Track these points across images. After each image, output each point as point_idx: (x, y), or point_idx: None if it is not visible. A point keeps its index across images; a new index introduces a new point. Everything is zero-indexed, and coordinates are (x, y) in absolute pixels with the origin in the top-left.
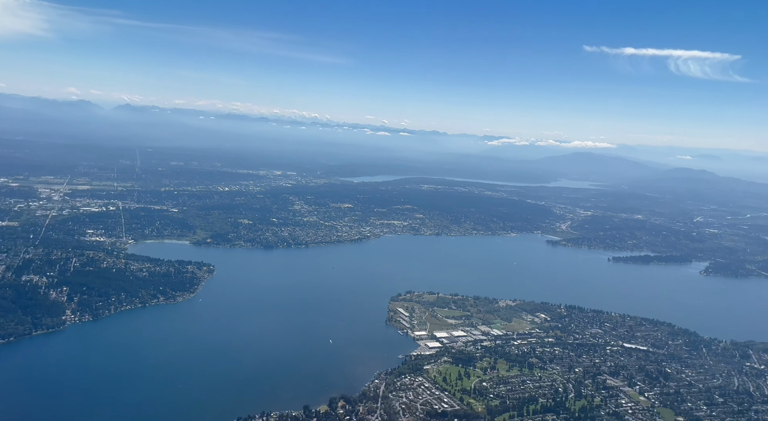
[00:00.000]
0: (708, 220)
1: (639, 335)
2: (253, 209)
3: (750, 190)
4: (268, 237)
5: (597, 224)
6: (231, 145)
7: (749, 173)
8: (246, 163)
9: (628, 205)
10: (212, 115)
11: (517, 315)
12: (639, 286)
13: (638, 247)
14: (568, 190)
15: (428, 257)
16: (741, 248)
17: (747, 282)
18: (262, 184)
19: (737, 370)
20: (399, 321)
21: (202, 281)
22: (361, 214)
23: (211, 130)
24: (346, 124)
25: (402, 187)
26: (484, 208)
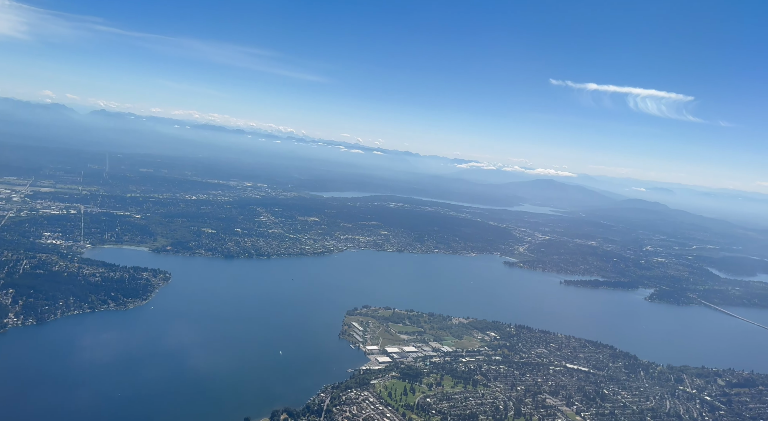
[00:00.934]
0: (657, 249)
1: (582, 357)
2: (218, 219)
3: (697, 223)
4: (229, 247)
5: (553, 248)
6: (204, 155)
7: (698, 207)
8: (217, 173)
9: (583, 232)
10: (188, 124)
11: (468, 333)
12: (586, 309)
13: (589, 271)
14: (529, 214)
15: (388, 273)
16: (685, 277)
17: (688, 309)
18: (231, 194)
19: (670, 393)
20: (352, 335)
21: (157, 288)
22: (327, 228)
23: (186, 139)
24: (322, 141)
25: (370, 204)
26: (447, 228)
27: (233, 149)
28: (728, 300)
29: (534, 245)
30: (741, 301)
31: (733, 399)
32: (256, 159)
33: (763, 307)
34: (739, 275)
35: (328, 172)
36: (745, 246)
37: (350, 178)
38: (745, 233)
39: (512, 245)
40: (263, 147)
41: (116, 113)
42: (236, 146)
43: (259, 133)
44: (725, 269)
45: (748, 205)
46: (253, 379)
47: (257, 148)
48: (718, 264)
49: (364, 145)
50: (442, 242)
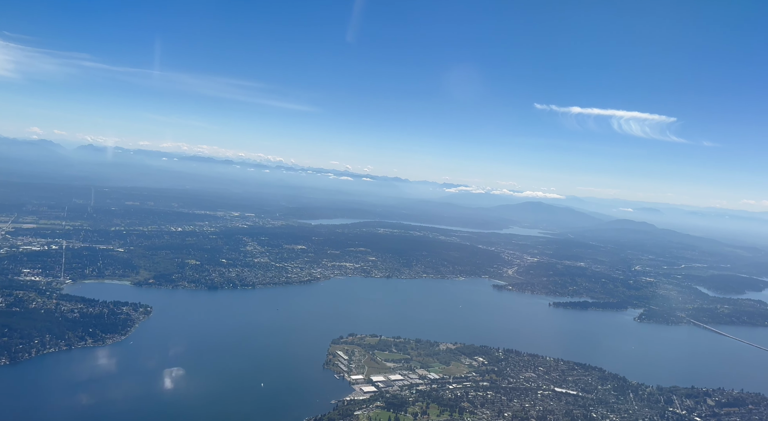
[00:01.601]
0: (646, 269)
1: (570, 380)
2: (203, 250)
3: (685, 242)
4: (213, 278)
5: (542, 270)
6: (192, 187)
7: (686, 226)
8: (204, 204)
9: (572, 253)
10: (176, 156)
11: (456, 358)
12: (575, 331)
13: (578, 293)
14: (518, 237)
15: (375, 300)
16: (674, 296)
17: (677, 329)
18: (217, 224)
19: (659, 415)
20: (337, 365)
21: (137, 322)
22: (314, 255)
23: (174, 171)
24: (311, 169)
25: (358, 230)
26: (436, 252)
27: (222, 180)
28: (717, 318)
29: (523, 267)
30: (730, 319)
31: (722, 419)
32: (245, 189)
33: (752, 324)
34: (728, 293)
35: (316, 199)
36: (734, 264)
37: (339, 205)
38: (732, 251)
39: (501, 268)
40: (252, 177)
41: (104, 148)
42: (225, 177)
43: (248, 163)
44: (714, 287)
45: (735, 223)
46: (233, 412)
47: (246, 178)
48: (706, 282)
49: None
50: (431, 267)
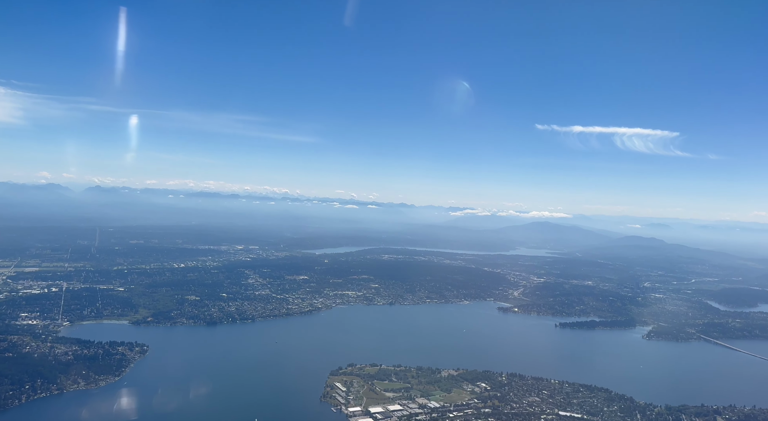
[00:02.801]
0: (655, 285)
1: (575, 402)
2: (204, 285)
3: (695, 257)
4: (213, 313)
5: (548, 291)
6: (197, 222)
7: (696, 240)
8: (209, 238)
9: (580, 272)
10: (183, 193)
11: (458, 385)
12: (581, 351)
13: (585, 312)
14: (524, 258)
15: (376, 328)
16: (683, 312)
17: (687, 346)
18: (220, 259)
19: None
20: (335, 397)
21: (132, 362)
22: (316, 285)
23: (181, 207)
24: (316, 199)
25: (363, 258)
26: (440, 276)
27: (227, 214)
28: (729, 333)
29: (529, 288)
30: (742, 333)
31: None
32: (250, 222)
33: (765, 338)
34: (740, 306)
35: (321, 228)
36: (745, 277)
37: (344, 233)
38: (744, 264)
39: (507, 290)
40: (257, 209)
41: (111, 188)
42: (230, 211)
43: (254, 196)
44: (725, 301)
45: (746, 236)
46: None
47: (251, 210)
48: (717, 297)
49: (359, 199)
50: (434, 292)
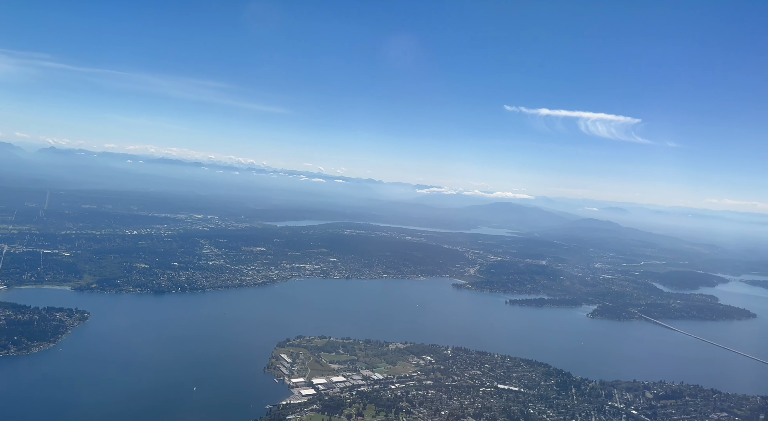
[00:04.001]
0: (605, 266)
1: (515, 376)
2: (155, 253)
3: (647, 240)
4: (161, 282)
5: (503, 269)
6: (156, 189)
7: (649, 225)
8: (166, 206)
9: (535, 252)
10: (143, 159)
11: (403, 358)
12: (527, 328)
13: (536, 290)
14: (484, 236)
15: (330, 301)
16: (629, 292)
17: (628, 324)
18: (176, 228)
19: (597, 409)
20: (278, 368)
21: (70, 329)
22: (273, 257)
23: (140, 173)
24: (283, 171)
25: (324, 232)
26: (399, 252)
27: (188, 182)
28: (668, 313)
29: (485, 266)
30: (680, 314)
31: (658, 412)
32: (212, 191)
33: (701, 319)
34: (682, 288)
35: (285, 201)
36: (691, 261)
37: (308, 207)
38: (692, 248)
39: (463, 267)
40: (221, 179)
41: (66, 150)
42: (192, 179)
43: (218, 165)
44: (669, 283)
45: (697, 222)
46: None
47: (214, 180)
48: (662, 279)
49: (327, 173)
50: (392, 267)
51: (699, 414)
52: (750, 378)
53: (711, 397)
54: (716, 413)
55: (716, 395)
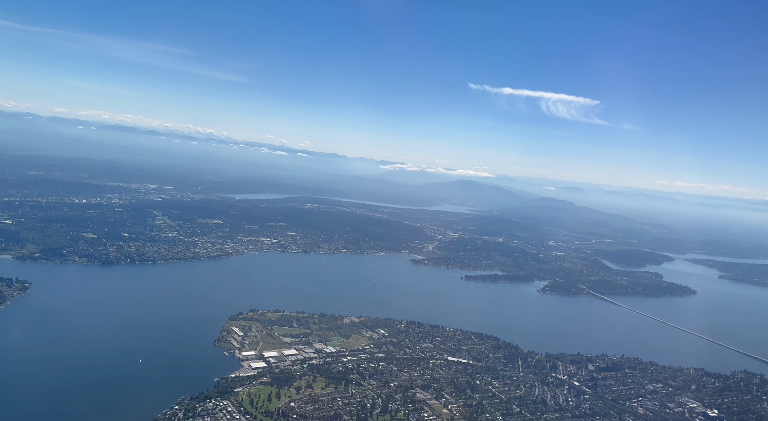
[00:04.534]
0: (559, 244)
1: (465, 349)
2: (104, 223)
3: (599, 220)
4: (110, 252)
5: (461, 245)
6: (109, 157)
7: (603, 204)
8: (119, 175)
9: (493, 229)
10: (95, 125)
11: (357, 331)
12: (480, 302)
13: (491, 266)
14: (445, 213)
15: (287, 275)
16: (579, 269)
17: (576, 300)
18: (128, 197)
19: (541, 380)
20: (229, 341)
21: (9, 299)
22: (230, 230)
23: (92, 140)
24: (244, 142)
25: (284, 205)
26: (360, 227)
27: (143, 151)
28: (615, 290)
29: (443, 242)
30: (626, 290)
31: (599, 383)
32: (168, 161)
33: (646, 295)
34: (629, 266)
35: (245, 173)
36: (640, 239)
37: (269, 180)
38: (641, 228)
39: (422, 244)
40: (177, 148)
41: (12, 113)
42: (147, 148)
43: (176, 134)
44: (618, 260)
45: (649, 202)
46: (99, 393)
47: (171, 150)
48: (612, 256)
49: (289, 146)
50: (352, 242)
51: (636, 385)
52: (686, 351)
53: (649, 369)
54: (652, 384)
55: (654, 367)
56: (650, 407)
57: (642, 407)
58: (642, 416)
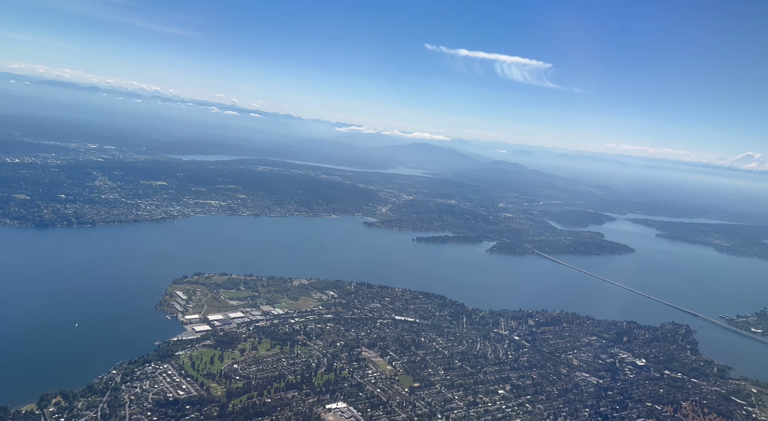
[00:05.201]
0: (508, 206)
1: (412, 308)
2: (39, 184)
3: (548, 182)
4: (44, 215)
5: (414, 208)
6: (45, 114)
7: (552, 167)
8: (56, 134)
9: (446, 192)
10: (30, 80)
11: (306, 293)
12: (430, 263)
13: (442, 228)
14: (400, 176)
15: (235, 238)
16: (526, 229)
17: (522, 259)
18: (66, 157)
19: (483, 336)
20: (172, 305)
21: None
22: (175, 192)
23: (25, 96)
24: (193, 101)
25: (234, 167)
26: (313, 190)
27: (83, 108)
28: (559, 249)
29: (397, 205)
30: (569, 249)
31: (537, 337)
32: (110, 119)
33: (587, 253)
34: (573, 226)
35: (194, 134)
36: (585, 201)
37: (219, 141)
38: (587, 189)
39: (376, 206)
40: (121, 106)
41: None
42: (87, 105)
43: (119, 91)
44: (563, 221)
45: (596, 165)
46: (30, 360)
47: (113, 107)
48: (557, 217)
49: (241, 106)
50: (304, 205)
51: (572, 338)
52: (621, 305)
53: (585, 323)
54: (587, 337)
55: (590, 321)
56: (584, 359)
57: (576, 359)
58: (576, 366)
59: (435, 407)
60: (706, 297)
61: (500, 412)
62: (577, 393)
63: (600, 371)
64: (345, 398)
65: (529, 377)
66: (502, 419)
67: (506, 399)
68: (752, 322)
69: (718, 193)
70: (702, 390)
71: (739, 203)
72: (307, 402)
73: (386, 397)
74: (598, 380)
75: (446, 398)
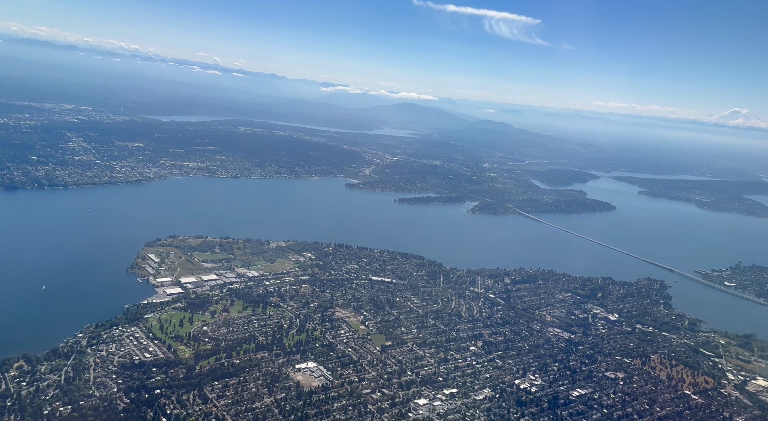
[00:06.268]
0: (493, 166)
1: (390, 268)
2: (9, 145)
3: (534, 141)
4: (14, 177)
5: (397, 169)
6: (18, 74)
7: (540, 126)
8: (30, 94)
9: (431, 152)
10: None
11: (283, 255)
12: (411, 224)
13: (425, 189)
14: (386, 137)
15: (213, 200)
16: (509, 189)
17: (503, 218)
18: (40, 118)
19: (459, 294)
20: (144, 268)
21: None
22: (152, 154)
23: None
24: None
25: (215, 128)
26: (295, 152)
27: (59, 68)
28: (540, 208)
29: (381, 166)
30: (551, 208)
31: (512, 294)
32: (87, 79)
33: (568, 212)
34: (557, 185)
35: (174, 94)
36: (570, 159)
37: (200, 102)
38: (573, 148)
39: (359, 168)
40: (99, 66)
41: None
42: (64, 65)
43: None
44: (546, 180)
45: (583, 123)
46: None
47: (91, 67)
48: (541, 176)
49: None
50: (285, 167)
51: (547, 295)
52: (598, 262)
53: (561, 280)
54: (562, 293)
55: (566, 278)
56: (557, 315)
57: (550, 315)
58: (549, 322)
59: (405, 365)
60: (683, 253)
61: (470, 368)
62: (548, 348)
63: (572, 326)
64: (315, 358)
65: (501, 334)
66: (472, 374)
67: (477, 355)
68: (726, 276)
69: (703, 149)
70: (671, 343)
71: (723, 160)
72: (276, 363)
73: (357, 356)
74: (569, 336)
75: (417, 356)
